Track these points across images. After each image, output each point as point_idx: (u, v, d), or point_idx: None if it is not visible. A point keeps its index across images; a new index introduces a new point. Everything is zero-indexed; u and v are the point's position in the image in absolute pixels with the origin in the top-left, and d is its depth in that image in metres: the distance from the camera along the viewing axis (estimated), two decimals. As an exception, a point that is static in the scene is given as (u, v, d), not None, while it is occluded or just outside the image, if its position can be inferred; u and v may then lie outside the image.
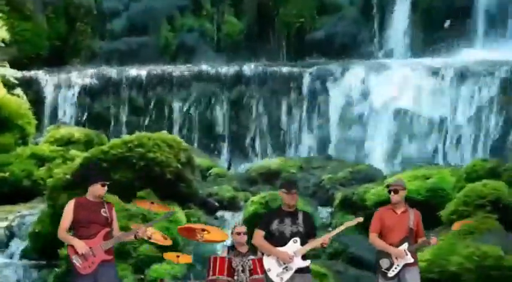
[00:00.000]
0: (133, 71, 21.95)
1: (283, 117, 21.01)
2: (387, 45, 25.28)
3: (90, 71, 22.06)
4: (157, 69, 22.24)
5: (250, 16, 26.40)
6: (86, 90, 21.52)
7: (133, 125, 20.49)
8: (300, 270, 9.16)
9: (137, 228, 9.12)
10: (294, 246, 9.18)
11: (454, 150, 19.40)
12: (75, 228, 8.80)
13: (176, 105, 21.29)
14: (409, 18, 25.00)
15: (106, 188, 8.97)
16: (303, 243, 9.22)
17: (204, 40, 26.20)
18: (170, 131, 18.32)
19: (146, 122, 20.91)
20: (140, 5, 25.97)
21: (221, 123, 21.33)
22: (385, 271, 9.23)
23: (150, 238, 10.05)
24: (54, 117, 21.16)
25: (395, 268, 9.19)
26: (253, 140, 21.09)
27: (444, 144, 19.56)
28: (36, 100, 20.85)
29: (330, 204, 15.68)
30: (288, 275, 9.14)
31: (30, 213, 15.52)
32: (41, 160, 17.90)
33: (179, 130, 20.86)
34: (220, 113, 21.44)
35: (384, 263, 9.25)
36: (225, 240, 10.99)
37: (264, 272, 9.30)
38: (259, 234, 9.35)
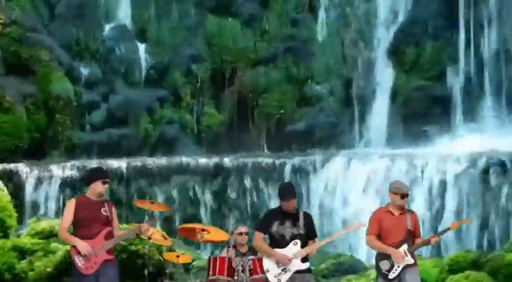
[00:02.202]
0: (113, 163, 22.61)
1: (265, 209, 21.58)
2: (367, 135, 26.21)
3: (71, 163, 22.58)
4: (138, 161, 22.95)
5: (229, 108, 27.32)
6: (67, 183, 21.97)
7: (115, 217, 21.00)
8: (299, 271, 9.39)
9: (138, 226, 9.35)
10: (294, 249, 9.42)
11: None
12: (76, 228, 9.05)
13: (159, 197, 21.91)
14: (389, 108, 26.04)
15: (107, 185, 9.25)
16: (303, 245, 9.44)
17: (184, 132, 27.01)
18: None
19: (128, 214, 21.42)
20: (119, 97, 26.74)
21: (203, 215, 21.94)
22: (386, 273, 9.39)
23: (150, 238, 10.23)
24: (35, 210, 21.58)
25: (396, 270, 9.39)
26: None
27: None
28: (17, 192, 21.18)
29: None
30: (286, 277, 9.36)
31: (12, 307, 15.83)
32: (22, 253, 18.22)
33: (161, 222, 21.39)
34: (202, 205, 22.10)
35: (384, 265, 9.44)
36: (225, 240, 11.09)
37: (264, 272, 9.50)
38: (259, 236, 9.56)
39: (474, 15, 25.75)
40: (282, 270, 9.43)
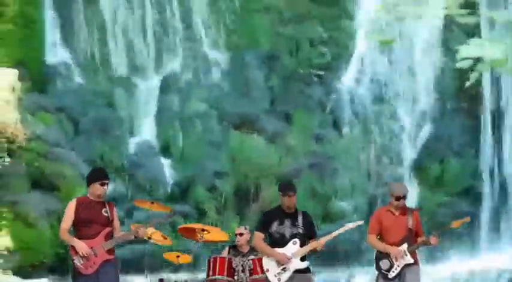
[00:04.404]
0: (134, 279, 23.06)
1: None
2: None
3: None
4: (160, 277, 23.61)
5: (255, 223, 28.09)
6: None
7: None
8: (299, 270, 9.79)
9: (137, 228, 9.63)
10: (293, 248, 9.79)
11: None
12: (76, 228, 9.32)
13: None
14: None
15: (106, 187, 9.57)
16: (302, 244, 9.75)
17: (208, 248, 27.68)
18: None
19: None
20: (144, 213, 27.53)
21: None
22: (386, 272, 9.80)
23: (150, 238, 10.51)
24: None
25: (396, 269, 9.77)
26: None
27: None
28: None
29: None
30: (286, 276, 9.73)
31: None
32: None
33: None
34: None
35: (384, 264, 9.83)
36: (225, 240, 11.35)
37: (264, 272, 9.80)
38: (258, 236, 9.86)
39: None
40: (282, 269, 9.72)
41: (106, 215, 9.60)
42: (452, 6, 26.68)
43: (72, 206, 9.57)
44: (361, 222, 10.04)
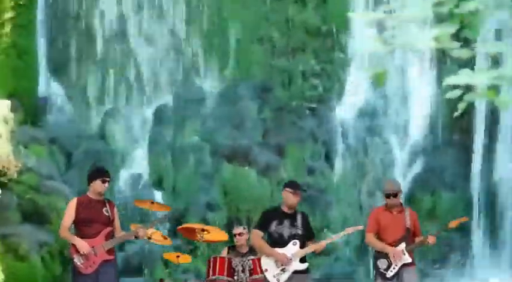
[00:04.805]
0: None
1: None
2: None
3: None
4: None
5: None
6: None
7: None
8: (298, 271, 9.99)
9: (137, 228, 9.67)
10: (293, 249, 9.98)
11: None
12: (77, 227, 9.39)
13: None
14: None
15: (107, 184, 9.63)
16: (302, 245, 9.90)
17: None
18: None
19: None
20: (135, 246, 27.81)
21: None
22: (384, 272, 9.95)
23: (150, 238, 10.62)
24: None
25: (394, 268, 9.96)
26: None
27: None
28: None
29: None
30: (285, 277, 9.88)
31: None
32: None
33: None
34: None
35: (382, 263, 9.98)
36: (225, 240, 11.38)
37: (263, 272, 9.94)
38: (257, 235, 9.94)
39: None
40: (281, 270, 9.89)
41: (107, 214, 9.76)
42: (445, 38, 27.05)
43: (72, 205, 9.72)
44: (360, 227, 10.24)
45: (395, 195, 10.21)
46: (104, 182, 9.82)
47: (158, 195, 29.27)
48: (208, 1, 31.36)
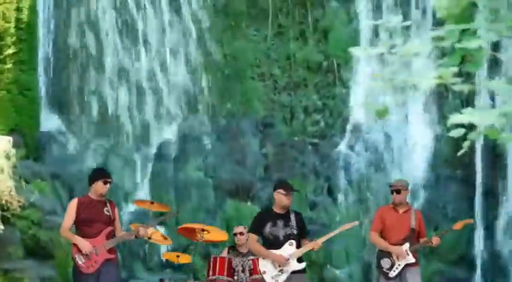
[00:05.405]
0: None
1: None
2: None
3: None
4: None
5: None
6: None
7: None
8: (296, 271, 10.21)
9: (138, 228, 9.76)
10: (289, 249, 10.19)
11: None
12: (78, 227, 9.53)
13: None
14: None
15: (108, 185, 9.75)
16: (298, 245, 9.91)
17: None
18: None
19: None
20: None
21: None
22: (387, 271, 9.96)
23: (150, 238, 10.73)
24: None
25: (397, 268, 10.06)
26: None
27: None
28: None
29: None
30: (283, 277, 10.06)
31: None
32: None
33: None
34: None
35: (385, 262, 9.96)
36: (225, 240, 11.43)
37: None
38: (252, 238, 10.02)
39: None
40: (279, 271, 10.06)
41: (108, 213, 9.90)
42: (447, 75, 27.37)
43: (73, 205, 9.90)
44: (357, 223, 10.45)
45: (398, 191, 10.33)
46: (105, 183, 10.17)
47: (161, 230, 29.41)
48: (209, 37, 31.76)
